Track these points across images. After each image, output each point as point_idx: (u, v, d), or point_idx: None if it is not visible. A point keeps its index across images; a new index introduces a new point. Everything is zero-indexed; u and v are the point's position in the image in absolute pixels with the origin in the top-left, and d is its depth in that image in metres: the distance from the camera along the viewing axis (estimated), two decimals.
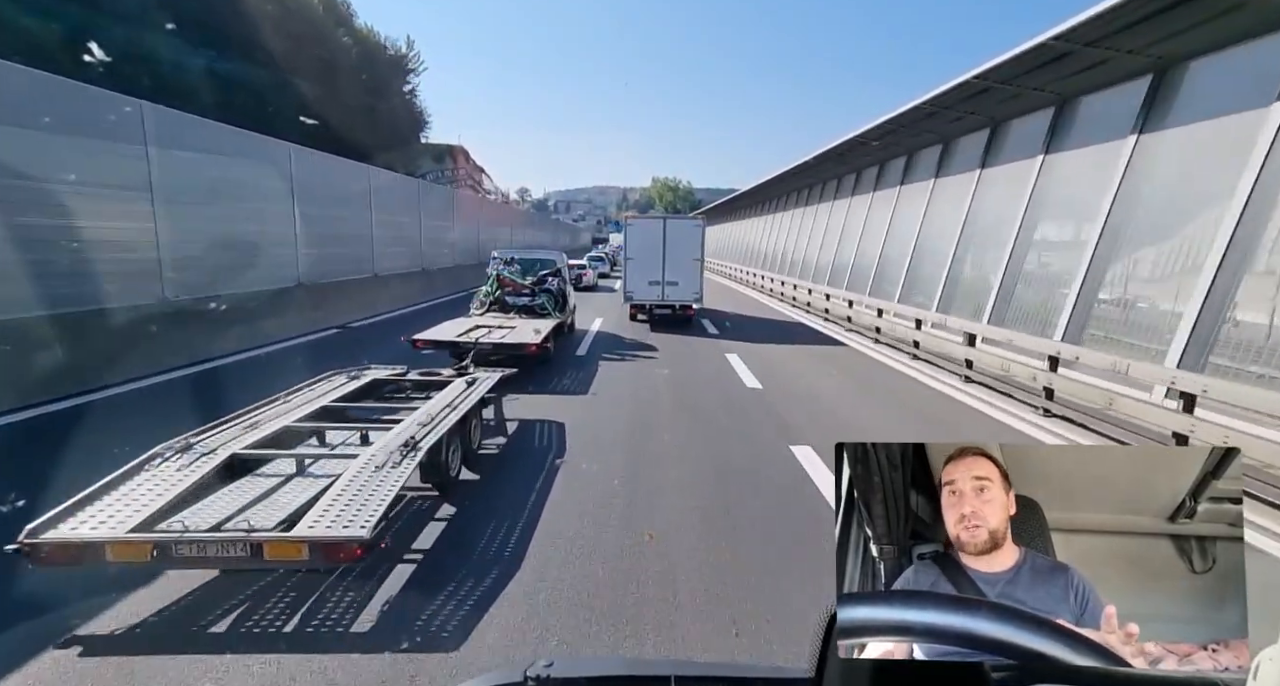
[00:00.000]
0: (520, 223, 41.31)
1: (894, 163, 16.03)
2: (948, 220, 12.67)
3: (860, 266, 16.75)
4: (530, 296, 10.68)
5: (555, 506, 4.40)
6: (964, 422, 7.21)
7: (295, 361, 8.80)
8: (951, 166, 13.34)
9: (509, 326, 9.17)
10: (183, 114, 9.36)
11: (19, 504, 3.63)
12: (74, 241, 7.11)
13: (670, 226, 14.48)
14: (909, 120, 12.66)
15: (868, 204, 17.28)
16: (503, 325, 9.25)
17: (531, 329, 8.87)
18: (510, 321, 9.64)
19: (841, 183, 19.86)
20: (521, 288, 10.74)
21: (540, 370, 8.62)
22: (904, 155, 15.41)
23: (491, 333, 8.64)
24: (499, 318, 10.06)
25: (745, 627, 3.06)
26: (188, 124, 9.43)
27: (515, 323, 9.57)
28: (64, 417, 5.92)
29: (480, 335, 8.37)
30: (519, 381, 7.43)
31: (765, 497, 4.74)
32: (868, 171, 17.77)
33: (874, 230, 16.39)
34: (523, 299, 10.65)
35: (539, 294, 10.74)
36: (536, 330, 8.73)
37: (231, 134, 10.57)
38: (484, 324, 9.29)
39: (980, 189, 11.92)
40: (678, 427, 6.46)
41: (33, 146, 6.77)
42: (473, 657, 2.74)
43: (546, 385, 8.04)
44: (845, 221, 18.78)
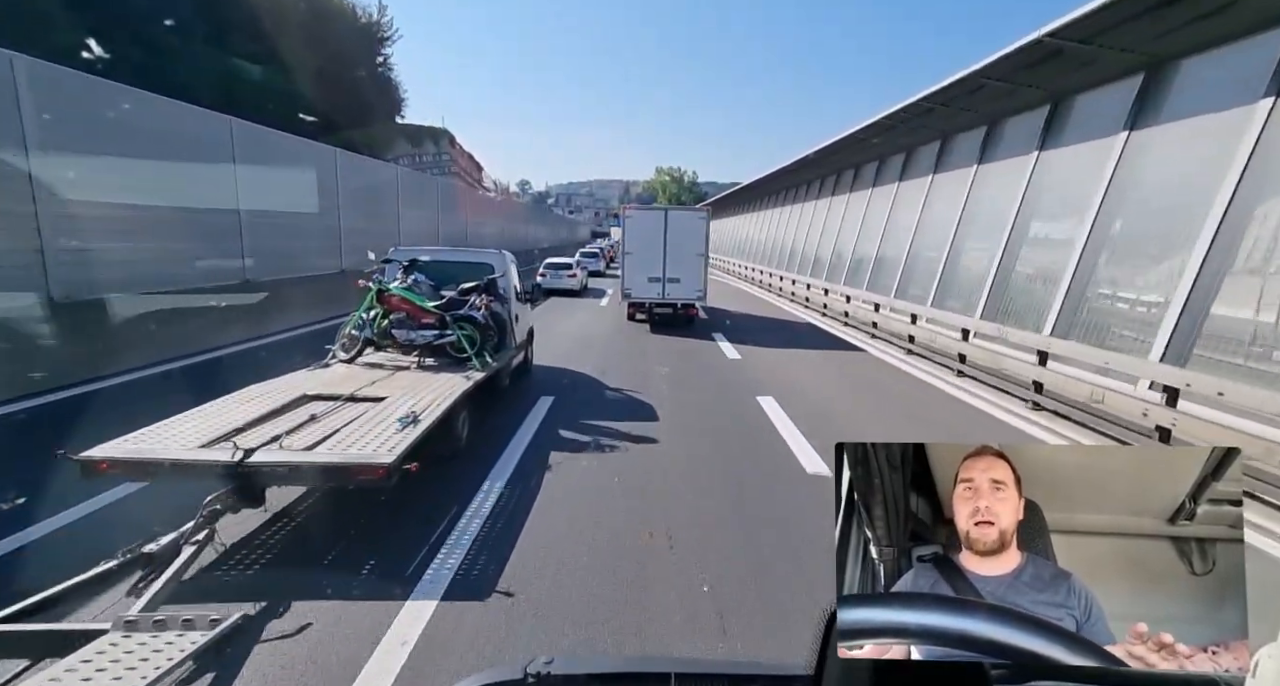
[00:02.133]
0: (512, 216, 37.56)
1: (926, 148, 14.45)
2: (992, 210, 11.22)
3: (885, 263, 15.32)
4: (439, 330, 6.47)
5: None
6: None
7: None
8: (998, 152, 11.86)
9: (372, 397, 5.01)
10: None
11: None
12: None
13: (672, 218, 13.39)
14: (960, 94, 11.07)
15: (891, 194, 15.93)
16: (365, 395, 5.07)
17: (406, 409, 4.54)
18: (386, 385, 5.46)
19: (860, 173, 18.60)
20: (423, 314, 6.48)
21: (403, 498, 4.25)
22: (938, 139, 13.85)
23: (316, 420, 4.40)
24: (373, 367, 6.19)
25: None
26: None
27: (395, 383, 5.54)
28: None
29: (282, 429, 4.08)
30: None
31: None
32: (893, 159, 16.40)
33: (901, 224, 14.97)
34: (425, 334, 6.45)
35: (456, 324, 6.50)
36: (408, 418, 4.31)
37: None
38: (326, 392, 5.08)
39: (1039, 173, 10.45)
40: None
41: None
42: None
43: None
44: (865, 214, 17.47)
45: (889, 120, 13.24)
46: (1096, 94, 9.14)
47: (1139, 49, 7.83)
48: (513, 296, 7.66)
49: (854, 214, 18.24)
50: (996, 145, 11.70)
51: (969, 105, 11.35)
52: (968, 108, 11.50)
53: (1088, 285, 8.50)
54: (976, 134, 12.22)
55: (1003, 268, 10.34)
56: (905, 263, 14.07)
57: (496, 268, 7.53)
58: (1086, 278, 8.51)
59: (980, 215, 11.71)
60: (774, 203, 29.28)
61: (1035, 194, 10.14)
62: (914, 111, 12.35)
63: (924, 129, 13.57)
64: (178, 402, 4.41)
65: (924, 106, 11.86)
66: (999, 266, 10.37)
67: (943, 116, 12.30)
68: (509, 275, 7.68)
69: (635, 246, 13.19)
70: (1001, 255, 10.37)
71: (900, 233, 14.71)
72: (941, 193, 13.39)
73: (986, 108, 11.34)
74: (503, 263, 7.72)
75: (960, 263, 12.03)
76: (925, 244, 13.49)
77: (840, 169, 20.03)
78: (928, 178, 14.03)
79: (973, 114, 11.77)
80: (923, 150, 14.66)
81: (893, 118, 12.99)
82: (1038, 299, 9.39)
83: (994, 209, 11.12)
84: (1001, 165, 11.36)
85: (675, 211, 14.03)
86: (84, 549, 3.11)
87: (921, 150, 14.75)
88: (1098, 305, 8.39)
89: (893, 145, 15.64)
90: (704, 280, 13.29)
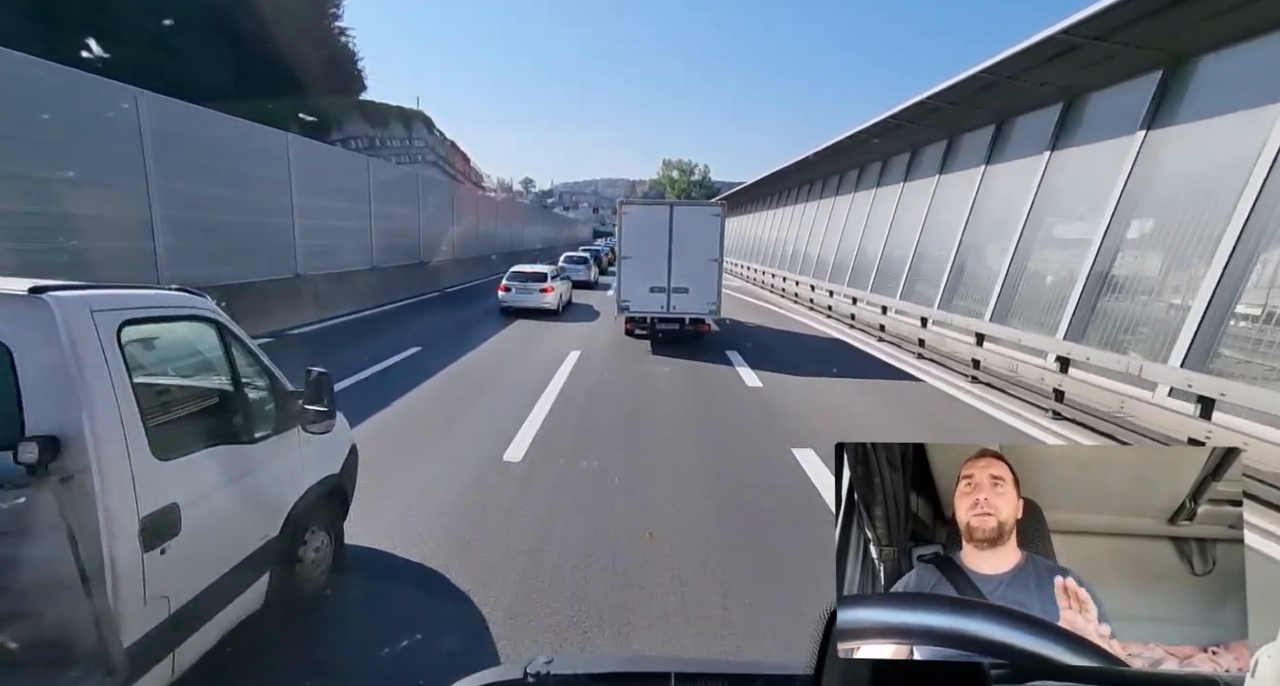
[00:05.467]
0: (507, 216, 33.81)
1: (976, 134, 12.42)
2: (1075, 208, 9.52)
3: (925, 267, 13.22)
4: None
5: None
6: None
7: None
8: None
9: None
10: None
11: None
12: None
13: (679, 215, 11.05)
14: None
15: (930, 188, 13.84)
16: None
17: None
18: None
19: (888, 165, 16.61)
20: None
21: None
22: (994, 123, 12.01)
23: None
24: None
25: None
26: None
27: None
28: None
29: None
30: None
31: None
32: (928, 149, 14.36)
33: (943, 221, 12.74)
34: None
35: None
36: None
37: None
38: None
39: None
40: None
41: None
42: None
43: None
44: (895, 210, 15.35)
45: (934, 100, 11.53)
46: (1111, 91, 8.99)
47: (1156, 46, 7.69)
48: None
49: (882, 210, 16.39)
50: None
51: (1045, 78, 9.44)
52: (1044, 80, 9.54)
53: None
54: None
55: (1093, 278, 8.48)
56: (953, 266, 12.10)
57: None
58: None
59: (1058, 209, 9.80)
60: (788, 200, 27.08)
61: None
62: (965, 91, 10.75)
63: (980, 111, 11.51)
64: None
65: (986, 80, 10.05)
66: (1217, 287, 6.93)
67: (1002, 96, 10.54)
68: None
69: (634, 249, 11.06)
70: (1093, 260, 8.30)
71: (942, 231, 12.79)
72: (1000, 182, 11.49)
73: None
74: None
75: (1028, 267, 9.95)
76: (976, 244, 11.60)
77: (865, 162, 18.11)
78: (978, 169, 11.99)
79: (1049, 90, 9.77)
80: (971, 137, 12.68)
81: (939, 97, 11.37)
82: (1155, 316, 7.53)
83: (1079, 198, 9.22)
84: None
85: (683, 208, 11.61)
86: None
87: (969, 137, 12.78)
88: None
89: (933, 135, 13.82)
90: (718, 291, 11.09)
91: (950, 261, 12.29)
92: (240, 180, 11.18)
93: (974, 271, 11.80)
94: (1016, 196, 10.59)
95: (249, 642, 2.56)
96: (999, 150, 11.71)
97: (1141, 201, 8.10)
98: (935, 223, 13.58)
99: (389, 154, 34.40)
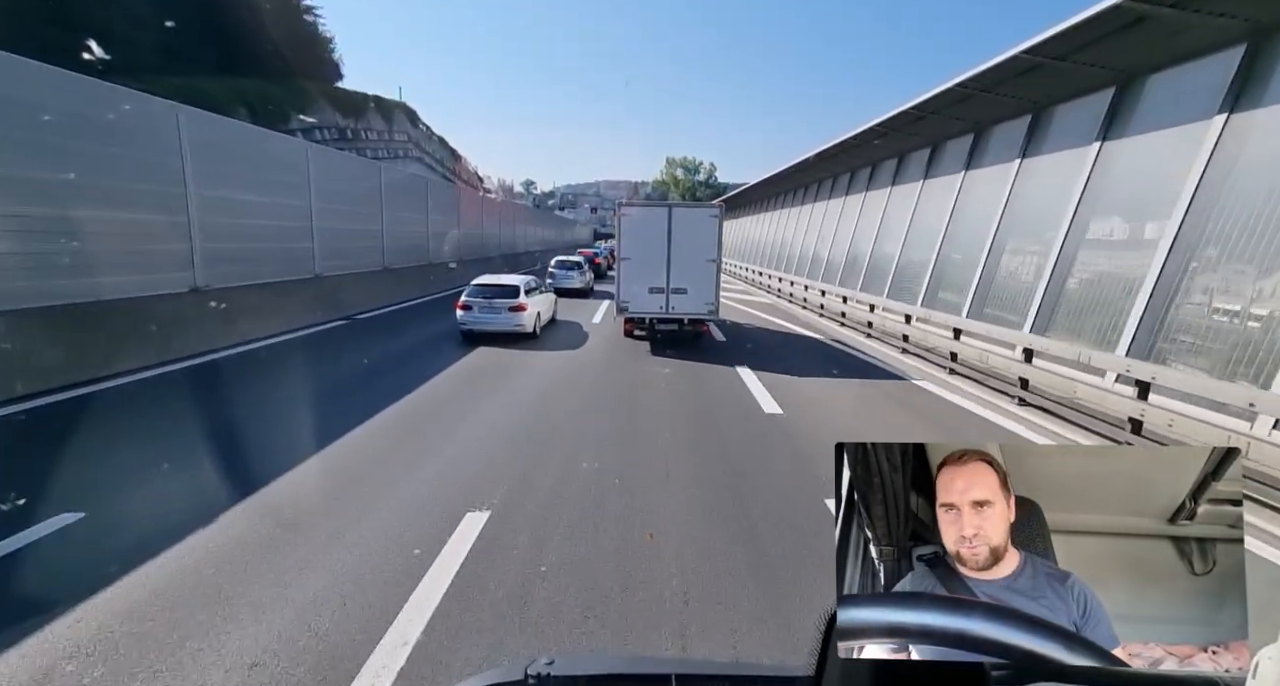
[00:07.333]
0: (503, 217, 31.14)
1: (1010, 125, 11.30)
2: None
3: (952, 272, 12.40)
4: None
5: None
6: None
7: None
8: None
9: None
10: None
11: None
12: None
13: (677, 216, 11.31)
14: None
15: (955, 185, 12.97)
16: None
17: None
18: None
19: (905, 161, 15.77)
20: None
21: None
22: (1029, 114, 10.87)
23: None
24: None
25: None
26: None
27: None
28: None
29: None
30: None
31: None
32: (952, 143, 13.40)
33: (976, 218, 11.68)
34: None
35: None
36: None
37: None
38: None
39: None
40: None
41: None
42: None
43: None
44: (913, 209, 14.69)
45: (916, 109, 11.76)
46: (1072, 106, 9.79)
47: (1108, 66, 8.45)
48: None
49: (900, 208, 15.47)
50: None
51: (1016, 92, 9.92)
52: (1015, 94, 10.39)
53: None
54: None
55: (1055, 277, 9.00)
56: (983, 268, 11.06)
57: None
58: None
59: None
60: (796, 200, 25.99)
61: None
62: (945, 101, 11.36)
63: (1012, 99, 10.70)
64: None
65: (960, 94, 10.53)
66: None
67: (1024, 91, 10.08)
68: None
69: (633, 251, 11.31)
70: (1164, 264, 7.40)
71: (975, 230, 11.74)
72: (979, 188, 11.69)
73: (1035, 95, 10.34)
74: None
75: (1001, 265, 9.96)
76: (1014, 245, 10.69)
77: (877, 160, 17.30)
78: (1014, 163, 11.01)
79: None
80: (1005, 127, 11.80)
81: (921, 107, 11.65)
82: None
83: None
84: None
85: (681, 209, 11.63)
86: None
87: (1002, 128, 11.91)
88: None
89: (958, 127, 12.95)
90: (717, 291, 11.35)
91: (980, 264, 11.26)
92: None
93: (1002, 275, 10.91)
94: (992, 200, 11.38)
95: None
96: (977, 157, 12.48)
97: (1097, 207, 8.96)
98: (942, 220, 13.24)
99: (364, 147, 31.92)
